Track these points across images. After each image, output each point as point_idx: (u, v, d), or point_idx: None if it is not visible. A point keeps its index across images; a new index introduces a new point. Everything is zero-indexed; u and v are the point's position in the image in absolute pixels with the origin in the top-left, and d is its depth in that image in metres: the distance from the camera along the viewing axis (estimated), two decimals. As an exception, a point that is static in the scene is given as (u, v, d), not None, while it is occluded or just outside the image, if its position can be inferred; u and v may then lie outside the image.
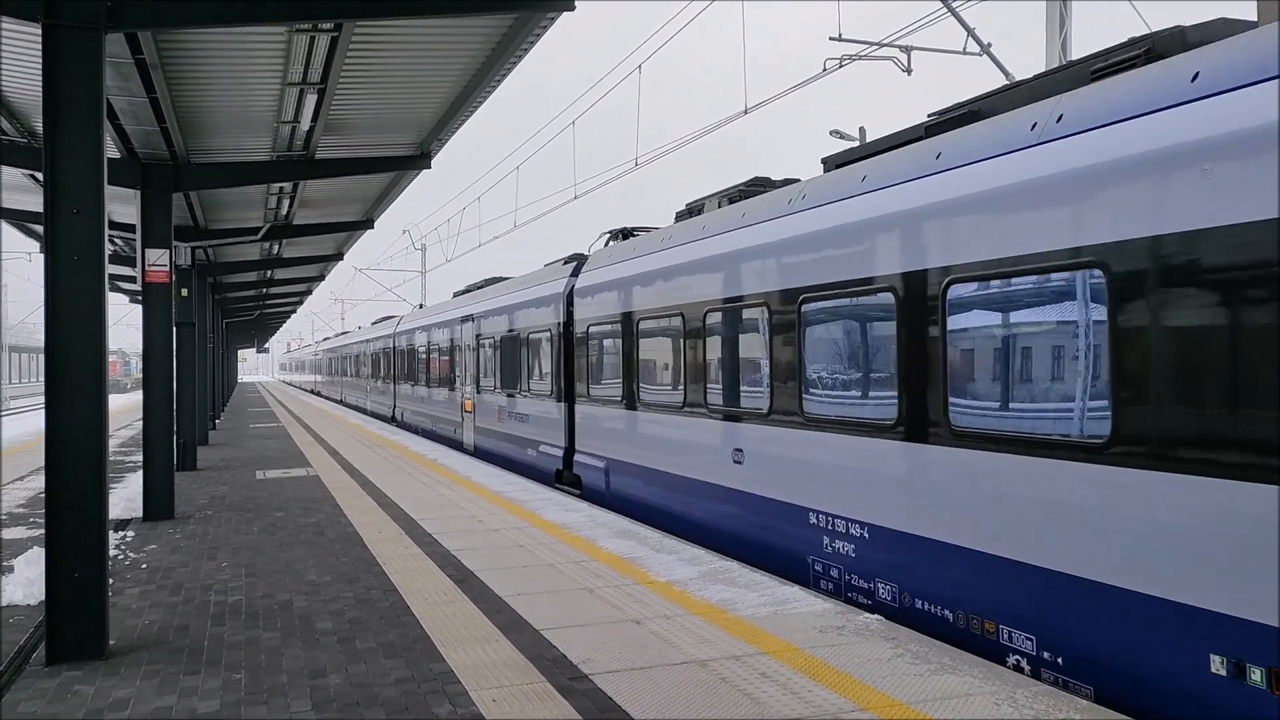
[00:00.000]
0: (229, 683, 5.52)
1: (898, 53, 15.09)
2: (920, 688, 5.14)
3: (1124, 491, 5.22)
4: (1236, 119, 4.69)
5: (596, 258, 13.96)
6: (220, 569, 8.62)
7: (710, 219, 10.53)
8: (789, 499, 8.47)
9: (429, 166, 13.59)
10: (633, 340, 12.00)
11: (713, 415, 9.90)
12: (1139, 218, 5.15)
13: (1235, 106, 4.72)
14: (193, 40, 8.92)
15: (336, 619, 6.84)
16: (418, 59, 9.86)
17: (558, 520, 10.71)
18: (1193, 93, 5.01)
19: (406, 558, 8.88)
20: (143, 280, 11.73)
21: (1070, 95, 5.97)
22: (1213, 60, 5.01)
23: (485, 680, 5.41)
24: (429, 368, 25.71)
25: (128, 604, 7.41)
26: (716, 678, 5.37)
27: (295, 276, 31.27)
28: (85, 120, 6.23)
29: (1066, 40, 14.03)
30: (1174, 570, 4.94)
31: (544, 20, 8.56)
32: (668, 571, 8.04)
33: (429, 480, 14.65)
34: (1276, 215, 4.46)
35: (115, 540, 10.03)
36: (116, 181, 11.60)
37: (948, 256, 6.55)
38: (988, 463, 6.18)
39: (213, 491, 13.90)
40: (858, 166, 8.01)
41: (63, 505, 6.09)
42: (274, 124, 11.69)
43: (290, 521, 11.11)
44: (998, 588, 6.10)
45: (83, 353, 6.18)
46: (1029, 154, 6.00)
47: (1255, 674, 4.50)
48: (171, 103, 10.49)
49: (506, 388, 17.85)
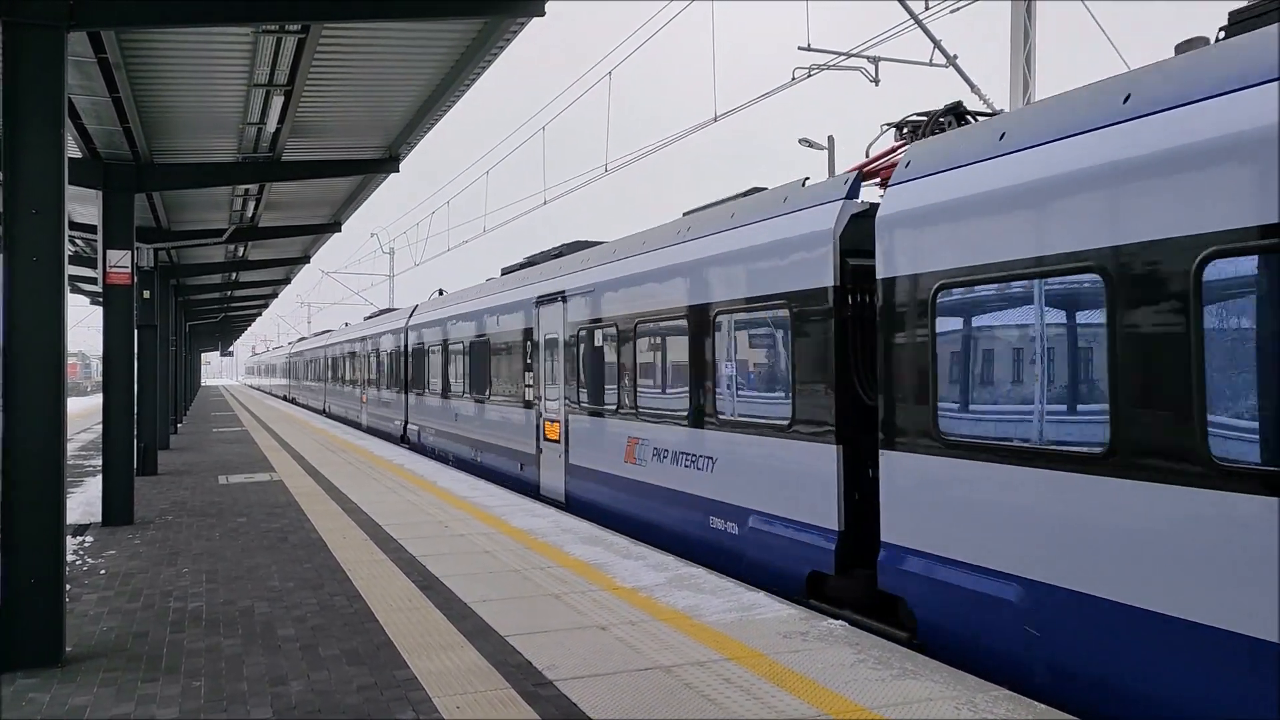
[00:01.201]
0: (188, 690, 5.44)
1: (865, 63, 15.23)
2: (883, 693, 5.18)
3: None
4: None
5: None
6: (181, 575, 8.51)
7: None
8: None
9: (397, 170, 13.53)
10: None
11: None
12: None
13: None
14: (157, 39, 8.83)
15: (299, 626, 6.78)
16: (386, 62, 9.83)
17: (524, 526, 10.68)
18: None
19: (371, 563, 8.82)
20: (104, 282, 11.57)
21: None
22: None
23: (449, 687, 5.39)
24: (477, 373, 17.82)
25: (85, 610, 7.30)
26: (681, 683, 5.38)
27: (261, 279, 30.96)
28: (46, 119, 6.15)
29: (1030, 53, 14.25)
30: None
31: (514, 25, 8.57)
32: (634, 577, 8.04)
33: (395, 485, 14.55)
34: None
35: (73, 545, 9.87)
36: (78, 181, 11.43)
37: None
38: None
39: (174, 496, 13.72)
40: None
41: (19, 509, 5.98)
42: (240, 125, 11.59)
43: (253, 527, 10.99)
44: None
45: (41, 355, 6.09)
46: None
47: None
48: (135, 102, 10.37)
49: (667, 409, 10.36)
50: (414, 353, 23.18)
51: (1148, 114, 5.13)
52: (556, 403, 13.60)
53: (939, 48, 13.98)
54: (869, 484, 7.54)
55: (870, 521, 7.42)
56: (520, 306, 15.38)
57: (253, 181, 14.04)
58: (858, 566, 7.51)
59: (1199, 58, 5.01)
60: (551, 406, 13.83)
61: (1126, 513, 5.11)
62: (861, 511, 7.57)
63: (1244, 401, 4.56)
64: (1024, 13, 14.24)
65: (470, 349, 18.16)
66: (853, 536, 7.58)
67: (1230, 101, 4.67)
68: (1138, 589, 5.04)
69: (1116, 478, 5.17)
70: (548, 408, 14.02)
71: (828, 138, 22.96)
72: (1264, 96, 4.51)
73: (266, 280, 31.47)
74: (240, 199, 16.29)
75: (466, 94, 10.60)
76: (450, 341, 19.67)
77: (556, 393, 13.59)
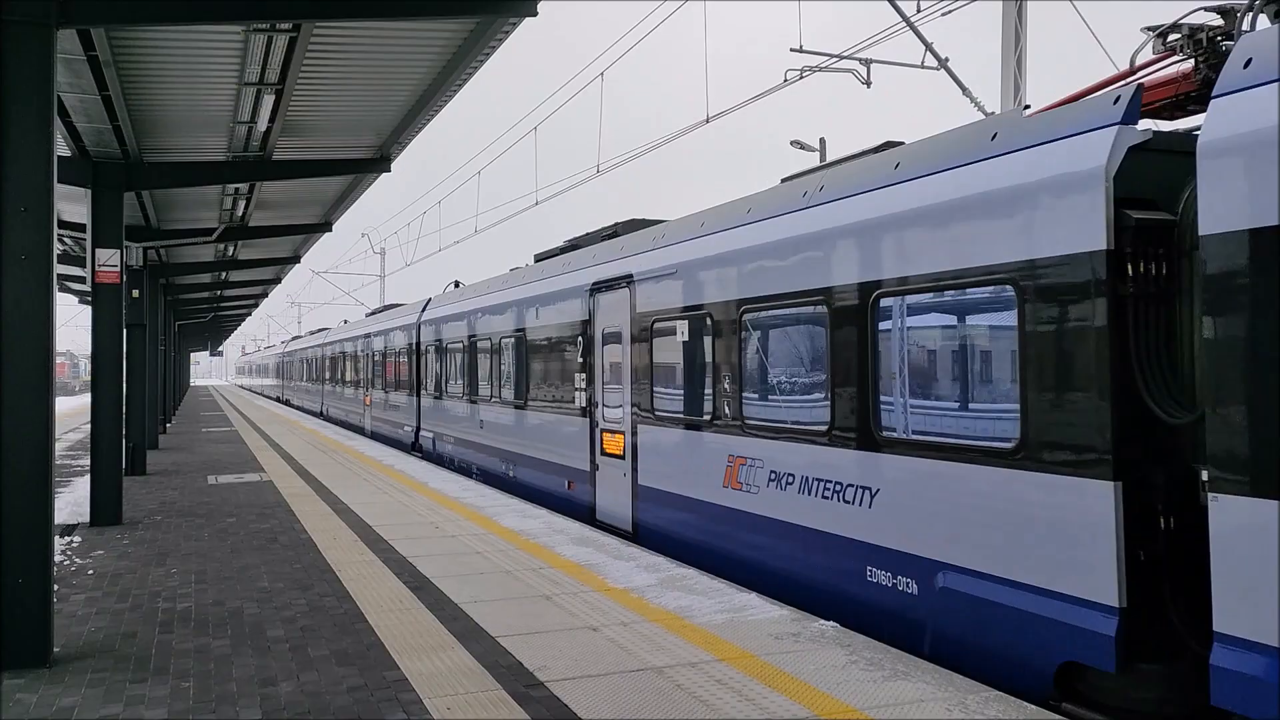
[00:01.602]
0: (177, 691, 5.42)
1: (857, 65, 15.26)
2: (874, 694, 5.18)
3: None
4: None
5: None
6: (169, 575, 8.47)
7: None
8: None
9: (389, 170, 13.50)
10: None
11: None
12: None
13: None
14: (147, 37, 8.79)
15: (288, 626, 6.75)
16: (378, 61, 9.80)
17: (515, 527, 10.66)
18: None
19: (361, 564, 8.79)
20: (92, 281, 11.51)
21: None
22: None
23: (440, 688, 5.37)
24: (510, 374, 15.27)
25: (73, 610, 7.25)
26: (673, 685, 5.37)
27: (251, 279, 30.86)
28: (35, 117, 6.12)
29: (1022, 56, 14.29)
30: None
31: (506, 25, 8.56)
32: (625, 578, 8.03)
33: (385, 486, 14.51)
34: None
35: (61, 546, 9.81)
36: (67, 180, 11.38)
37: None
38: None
39: (162, 497, 13.65)
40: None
41: (7, 509, 5.94)
42: (230, 124, 11.54)
43: (242, 527, 10.94)
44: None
45: (30, 354, 6.05)
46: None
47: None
48: (125, 100, 10.32)
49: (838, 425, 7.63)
50: (429, 351, 20.64)
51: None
52: (620, 410, 11.22)
53: (930, 50, 14.02)
54: (1163, 538, 5.29)
55: (1166, 594, 5.22)
56: (569, 295, 12.78)
57: (243, 181, 13.99)
58: (1144, 660, 5.24)
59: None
60: (612, 414, 11.44)
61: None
62: (1151, 578, 5.24)
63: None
64: (1015, 15, 14.28)
65: (501, 346, 15.66)
66: (1140, 616, 5.23)
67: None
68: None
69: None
70: (607, 415, 11.59)
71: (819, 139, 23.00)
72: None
73: (257, 280, 31.37)
74: (230, 198, 16.23)
75: (458, 94, 10.59)
76: (475, 338, 17.17)
77: (620, 398, 11.21)
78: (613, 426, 11.44)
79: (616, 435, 11.31)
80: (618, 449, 11.25)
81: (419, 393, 21.49)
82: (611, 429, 11.47)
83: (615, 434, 11.35)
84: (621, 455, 11.14)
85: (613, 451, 11.41)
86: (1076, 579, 5.41)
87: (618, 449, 11.25)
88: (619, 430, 11.25)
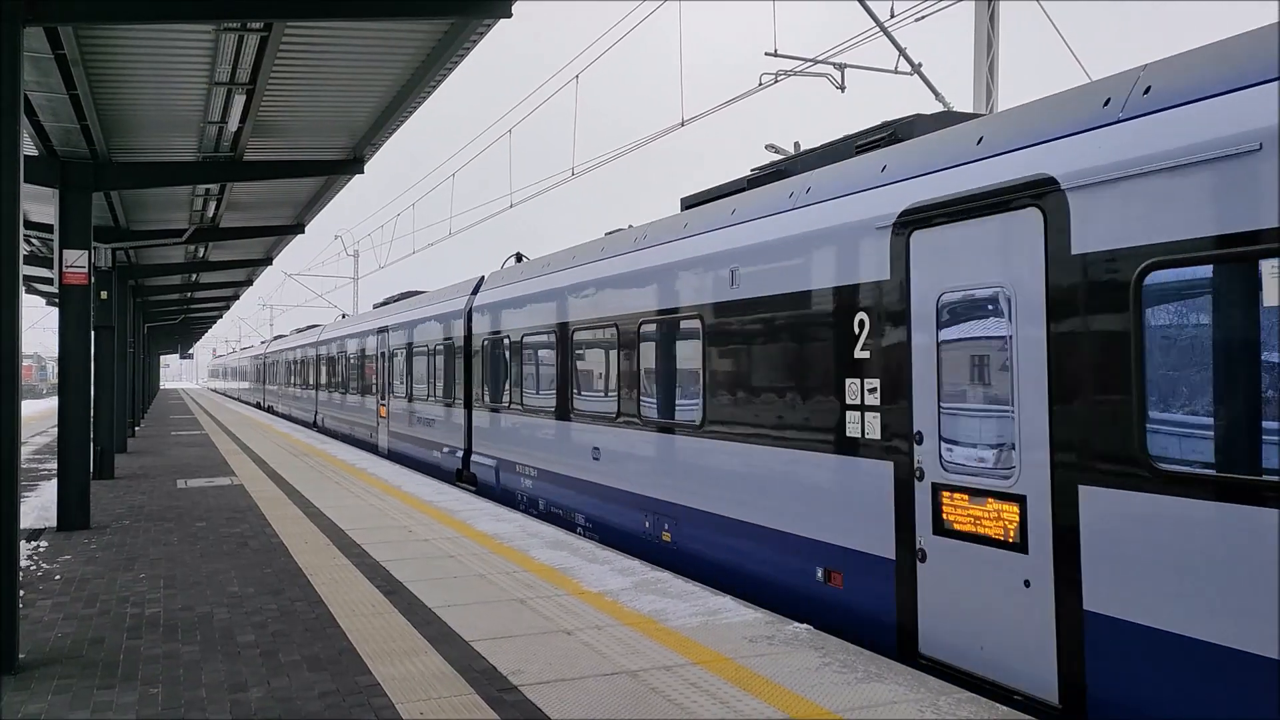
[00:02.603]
0: (145, 697, 5.35)
1: (832, 70, 15.34)
2: (848, 696, 5.20)
3: None
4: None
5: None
6: (138, 580, 8.37)
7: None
8: None
9: (362, 171, 13.42)
10: None
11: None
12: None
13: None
14: (116, 36, 8.69)
15: (259, 631, 6.68)
16: (351, 62, 9.74)
17: (490, 531, 10.62)
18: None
19: (333, 569, 8.72)
20: (60, 282, 11.35)
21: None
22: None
23: (412, 692, 5.33)
24: (655, 381, 9.90)
25: (39, 616, 7.15)
26: (647, 688, 5.37)
27: (222, 281, 30.57)
28: (1, 116, 6.03)
29: (994, 60, 14.42)
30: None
31: (480, 27, 8.53)
32: (600, 582, 8.02)
33: (358, 490, 14.41)
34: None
35: (27, 550, 9.67)
36: (34, 179, 11.23)
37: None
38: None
39: (131, 501, 13.49)
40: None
41: (-30, 514, 5.86)
42: (200, 124, 11.44)
43: (212, 532, 10.83)
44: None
45: (-6, 356, 5.96)
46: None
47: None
48: (93, 100, 10.20)
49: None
50: (489, 346, 15.20)
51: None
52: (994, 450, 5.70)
53: (904, 55, 14.12)
54: None
55: None
56: (814, 244, 7.36)
57: (213, 181, 13.86)
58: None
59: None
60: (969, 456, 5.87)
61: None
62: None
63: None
64: (987, 20, 14.42)
65: (642, 335, 10.11)
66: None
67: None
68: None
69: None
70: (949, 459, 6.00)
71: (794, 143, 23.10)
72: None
73: (228, 282, 31.07)
74: (201, 199, 16.08)
75: (432, 95, 10.55)
76: (584, 326, 11.52)
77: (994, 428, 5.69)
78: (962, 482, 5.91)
79: (964, 498, 5.88)
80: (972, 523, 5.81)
81: (470, 403, 16.26)
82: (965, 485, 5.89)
83: (960, 496, 5.91)
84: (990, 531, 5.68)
85: (963, 526, 5.88)
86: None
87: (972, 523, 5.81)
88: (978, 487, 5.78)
